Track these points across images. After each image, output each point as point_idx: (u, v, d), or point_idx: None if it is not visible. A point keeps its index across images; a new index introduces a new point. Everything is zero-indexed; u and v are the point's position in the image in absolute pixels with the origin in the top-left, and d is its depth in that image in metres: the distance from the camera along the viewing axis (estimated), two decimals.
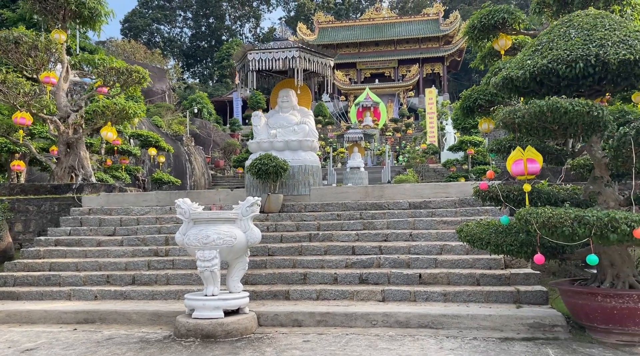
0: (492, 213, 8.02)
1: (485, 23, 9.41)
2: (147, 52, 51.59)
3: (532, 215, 4.36)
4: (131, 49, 50.17)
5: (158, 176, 20.46)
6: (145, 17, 70.70)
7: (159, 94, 39.67)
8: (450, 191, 8.84)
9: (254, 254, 7.61)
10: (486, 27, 9.50)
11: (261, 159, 8.72)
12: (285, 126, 9.62)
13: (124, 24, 69.55)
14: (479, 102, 10.38)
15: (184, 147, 27.81)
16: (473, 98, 10.52)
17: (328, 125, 40.33)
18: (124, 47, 50.28)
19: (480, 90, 10.55)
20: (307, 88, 10.49)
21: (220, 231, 5.62)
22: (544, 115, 4.42)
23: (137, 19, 69.76)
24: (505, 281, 6.40)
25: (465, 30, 10.01)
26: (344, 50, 53.67)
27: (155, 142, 19.85)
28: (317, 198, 9.21)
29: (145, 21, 70.05)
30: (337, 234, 7.89)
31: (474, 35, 9.90)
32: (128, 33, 67.58)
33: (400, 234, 7.70)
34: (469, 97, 10.67)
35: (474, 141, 23.32)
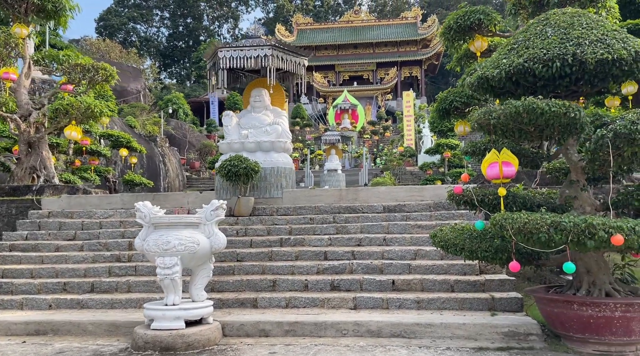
0: (467, 217, 7.86)
1: (462, 24, 9.29)
2: (123, 52, 50.55)
3: (508, 220, 4.17)
4: (106, 48, 49.10)
5: (129, 178, 19.86)
6: (121, 15, 69.33)
7: (133, 94, 38.83)
8: (425, 194, 8.66)
9: (221, 259, 7.29)
10: (462, 28, 9.38)
11: (231, 160, 8.40)
12: (257, 127, 9.32)
13: (98, 22, 68.09)
14: (455, 104, 10.27)
15: (157, 148, 27.18)
16: (449, 100, 10.40)
17: (306, 127, 40.07)
18: (98, 46, 49.18)
19: (456, 92, 10.44)
20: (281, 88, 10.21)
21: (181, 236, 5.29)
22: (520, 116, 4.24)
23: (112, 17, 68.36)
24: (480, 288, 6.23)
25: (442, 31, 9.88)
26: (322, 53, 53.60)
27: (127, 142, 19.27)
28: (290, 201, 8.92)
29: (120, 20, 68.69)
30: (309, 238, 7.62)
31: (450, 36, 9.77)
32: (103, 32, 66.13)
33: (374, 239, 7.48)
34: (444, 99, 10.55)
35: (450, 144, 23.35)
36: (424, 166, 24.30)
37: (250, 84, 10.18)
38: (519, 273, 6.45)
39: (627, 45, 4.33)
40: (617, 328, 4.39)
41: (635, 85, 9.31)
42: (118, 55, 47.66)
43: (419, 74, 53.27)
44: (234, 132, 9.33)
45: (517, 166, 4.51)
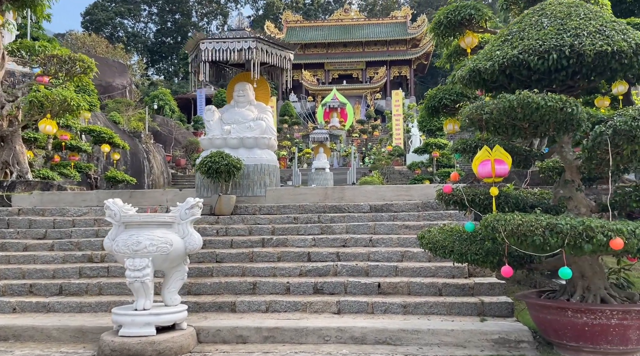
0: (456, 217, 7.61)
1: (452, 19, 9.03)
2: (109, 47, 49.73)
3: (500, 222, 3.90)
4: (92, 43, 48.27)
5: (111, 174, 19.34)
6: (107, 10, 68.24)
7: (119, 90, 38.16)
8: (413, 193, 8.39)
9: (199, 260, 6.95)
10: (452, 23, 9.12)
11: (212, 156, 8.05)
12: (240, 122, 8.97)
13: (84, 16, 66.97)
14: (445, 101, 10.01)
15: (142, 145, 26.64)
16: (438, 98, 10.14)
17: (294, 125, 39.73)
18: (84, 41, 48.35)
19: (445, 89, 10.19)
20: (266, 82, 9.88)
21: (153, 236, 4.95)
22: (514, 111, 3.97)
23: (98, 11, 67.26)
24: (469, 292, 5.97)
25: (432, 26, 9.62)
26: (312, 51, 53.31)
27: (109, 138, 18.77)
28: (273, 200, 8.61)
29: (107, 14, 67.62)
30: (292, 239, 7.31)
31: (440, 32, 9.52)
32: (89, 26, 65.06)
33: (360, 240, 7.19)
34: (434, 96, 10.29)
35: (439, 143, 23.19)
36: (412, 166, 24.12)
37: (234, 78, 9.84)
38: (494, 266, 6.17)
39: (627, 37, 4.09)
40: (614, 336, 4.15)
41: (626, 84, 9.12)
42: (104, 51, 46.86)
43: (408, 73, 53.20)
44: (216, 128, 8.98)
45: (510, 164, 4.24)
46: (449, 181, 22.58)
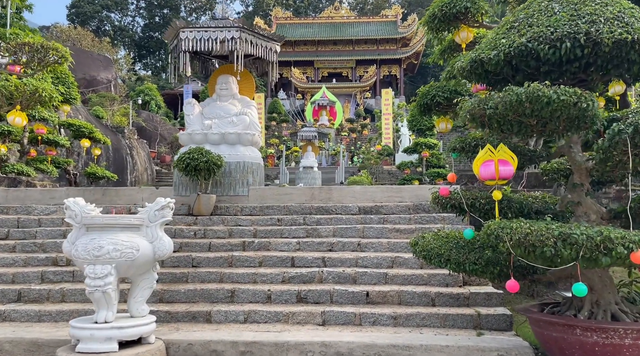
0: (450, 221, 7.19)
1: (447, 12, 8.59)
2: (95, 40, 48.75)
3: (505, 230, 3.46)
4: (77, 36, 47.28)
5: (91, 170, 18.67)
6: (94, 3, 66.92)
7: (104, 84, 37.33)
8: (404, 195, 7.96)
9: (174, 265, 6.44)
10: (447, 16, 8.68)
11: (190, 153, 7.53)
12: (222, 117, 8.46)
13: (70, 9, 65.63)
14: (437, 99, 9.57)
15: (125, 141, 25.92)
16: (431, 95, 9.70)
17: (283, 122, 39.18)
18: (69, 34, 47.33)
19: (438, 86, 9.75)
20: (250, 75, 9.37)
21: (117, 240, 4.44)
22: (522, 106, 3.53)
23: (85, 4, 65.92)
24: (464, 302, 5.54)
25: (426, 20, 9.17)
26: (301, 48, 52.82)
27: (89, 133, 18.09)
28: (256, 200, 8.11)
29: (94, 7, 66.33)
30: (275, 242, 6.83)
31: (434, 26, 9.06)
32: (75, 19, 63.79)
33: (348, 244, 6.73)
34: (426, 93, 9.85)
35: (429, 143, 22.85)
36: (401, 165, 23.74)
37: (217, 70, 9.31)
38: (494, 277, 5.76)
39: None
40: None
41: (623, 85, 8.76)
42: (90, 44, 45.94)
43: (398, 73, 52.90)
44: (196, 122, 8.45)
45: (516, 165, 3.81)
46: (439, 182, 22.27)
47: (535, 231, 3.30)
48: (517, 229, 3.39)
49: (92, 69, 37.31)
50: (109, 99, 33.35)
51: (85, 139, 18.26)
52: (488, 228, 3.65)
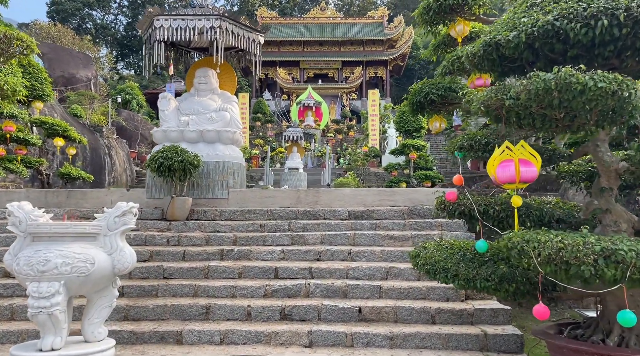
0: (448, 226, 6.61)
1: (443, 3, 8.03)
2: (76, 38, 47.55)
3: (531, 244, 2.88)
4: (57, 33, 46.07)
5: (65, 171, 17.75)
6: (75, 0, 65.49)
7: (83, 82, 36.22)
8: (397, 198, 7.37)
9: (143, 276, 5.75)
10: (443, 8, 8.12)
11: (164, 151, 6.84)
12: (200, 113, 7.78)
13: (50, 6, 64.16)
14: (431, 96, 9.02)
15: (103, 140, 24.96)
16: (424, 92, 9.13)
17: (268, 123, 38.48)
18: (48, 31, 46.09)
19: (432, 83, 9.20)
20: (231, 69, 8.70)
21: (68, 253, 3.75)
22: (550, 94, 2.95)
23: (65, 1, 64.49)
24: (467, 319, 4.95)
25: (420, 12, 8.61)
26: (287, 48, 52.31)
27: (64, 131, 17.19)
28: (237, 203, 7.45)
29: (75, 4, 64.88)
30: (257, 250, 6.18)
31: (428, 18, 8.50)
32: (55, 16, 62.29)
33: (337, 252, 6.11)
34: (419, 91, 9.28)
35: (416, 144, 22.39)
36: (389, 167, 23.24)
37: (195, 63, 8.64)
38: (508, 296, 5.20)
39: None
40: None
41: None
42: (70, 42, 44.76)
43: (384, 74, 52.62)
44: (171, 119, 7.76)
45: (539, 166, 3.23)
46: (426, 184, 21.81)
47: (570, 246, 2.72)
48: (546, 243, 2.81)
49: (71, 67, 36.20)
50: (88, 98, 32.33)
51: (59, 138, 17.35)
52: (509, 241, 3.06)
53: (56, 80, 35.16)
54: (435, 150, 31.64)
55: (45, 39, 39.82)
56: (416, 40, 57.04)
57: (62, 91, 32.70)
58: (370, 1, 72.26)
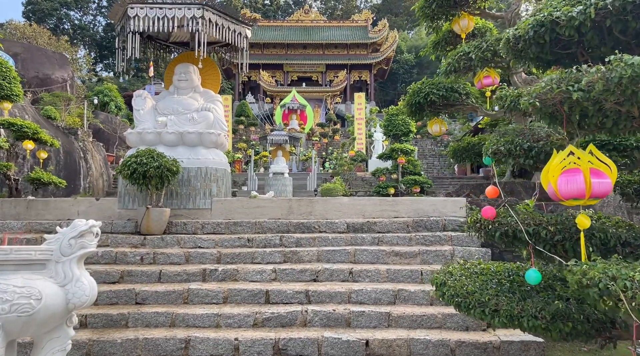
0: (459, 240, 5.91)
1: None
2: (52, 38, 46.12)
3: (620, 283, 2.15)
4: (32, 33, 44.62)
5: (36, 176, 16.65)
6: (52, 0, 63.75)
7: (59, 83, 34.90)
8: (399, 209, 6.65)
9: (111, 302, 4.91)
10: (447, 1, 7.48)
11: (138, 156, 6.01)
12: (180, 113, 6.97)
13: (26, 5, 62.37)
14: (432, 97, 8.37)
15: (78, 143, 23.79)
16: (424, 92, 8.49)
17: (251, 126, 37.59)
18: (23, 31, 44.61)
19: (432, 83, 8.55)
20: (215, 65, 7.90)
21: (6, 286, 2.93)
22: (636, 84, 2.25)
23: (42, 1, 62.75)
24: (493, 354, 4.24)
25: (420, 5, 7.95)
26: (270, 51, 51.64)
27: (34, 133, 16.11)
28: (221, 214, 6.65)
29: (52, 4, 63.18)
30: (245, 269, 5.38)
31: (430, 12, 7.88)
32: (31, 16, 60.50)
33: (337, 272, 5.35)
34: (419, 91, 8.63)
35: (405, 149, 21.81)
36: (376, 172, 22.60)
37: (175, 58, 7.82)
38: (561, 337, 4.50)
39: None
40: None
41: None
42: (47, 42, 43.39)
43: (368, 78, 52.24)
44: (147, 119, 6.92)
45: (614, 178, 2.53)
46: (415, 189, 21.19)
47: None
48: None
49: (45, 67, 34.88)
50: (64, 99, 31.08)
51: (29, 141, 16.26)
52: (584, 276, 2.33)
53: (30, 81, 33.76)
54: (422, 154, 31.17)
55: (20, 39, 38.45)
56: (400, 44, 56.89)
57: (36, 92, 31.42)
58: (353, 5, 72.01)
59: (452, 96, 8.39)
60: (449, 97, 8.42)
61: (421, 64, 57.19)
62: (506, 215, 3.14)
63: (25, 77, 34.10)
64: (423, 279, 5.24)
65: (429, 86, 8.51)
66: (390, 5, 71.07)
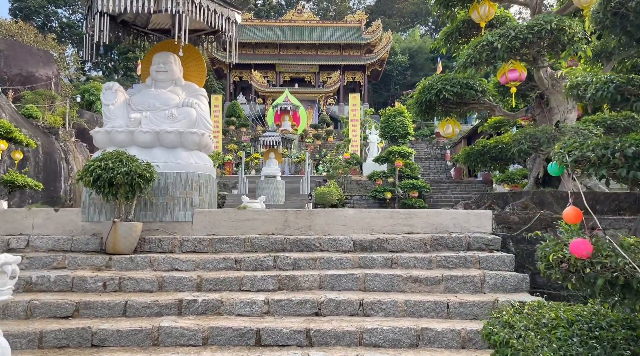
0: (488, 263, 4.94)
1: None
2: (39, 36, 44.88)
3: None
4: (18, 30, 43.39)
5: (9, 178, 15.49)
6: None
7: (43, 81, 33.70)
8: (414, 223, 5.66)
9: (60, 345, 3.88)
10: None
11: (104, 159, 4.98)
12: (157, 108, 5.95)
13: (13, 3, 60.91)
14: (445, 94, 7.43)
15: (59, 143, 22.60)
16: (436, 89, 7.55)
17: (242, 127, 36.56)
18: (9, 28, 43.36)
19: (446, 79, 7.62)
20: (199, 55, 6.88)
21: None
22: None
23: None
24: None
25: None
26: (262, 51, 50.77)
27: (7, 132, 14.96)
28: (204, 229, 5.63)
29: (39, 2, 61.74)
30: (231, 300, 4.37)
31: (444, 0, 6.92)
32: (18, 13, 59.03)
33: (343, 303, 4.36)
34: (429, 88, 7.69)
35: (402, 151, 20.92)
36: (373, 176, 21.70)
37: (154, 47, 6.81)
38: None
39: None
40: None
41: None
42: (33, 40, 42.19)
43: (362, 79, 51.52)
44: (118, 116, 5.89)
45: None
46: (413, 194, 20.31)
47: None
48: None
49: (29, 65, 33.72)
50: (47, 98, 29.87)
51: (1, 140, 15.11)
52: None
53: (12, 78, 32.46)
54: (417, 157, 30.32)
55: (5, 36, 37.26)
56: (394, 46, 56.18)
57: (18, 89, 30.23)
58: (346, 6, 71.32)
59: (468, 93, 7.46)
60: (464, 94, 7.49)
61: (415, 66, 56.52)
62: (605, 250, 2.17)
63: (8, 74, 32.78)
64: (450, 314, 4.27)
65: (441, 81, 7.58)
66: (383, 7, 70.48)
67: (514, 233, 5.48)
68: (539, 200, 6.17)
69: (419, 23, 72.50)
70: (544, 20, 5.80)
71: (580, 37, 5.86)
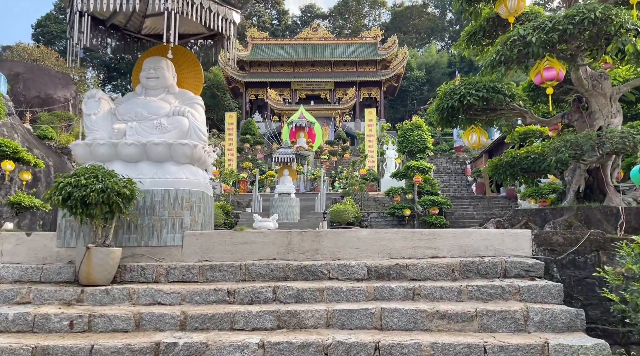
0: (530, 294, 4.09)
1: None
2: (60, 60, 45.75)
3: None
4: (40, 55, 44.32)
5: (16, 199, 15.10)
6: (61, 22, 63.89)
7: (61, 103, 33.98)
8: (439, 245, 4.83)
9: None
10: None
11: (76, 175, 4.31)
12: (145, 118, 5.29)
13: (36, 28, 62.63)
14: (469, 100, 6.64)
15: (72, 163, 22.33)
16: (459, 94, 6.76)
17: (257, 144, 36.11)
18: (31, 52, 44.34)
19: (470, 82, 6.83)
20: (195, 60, 6.24)
21: None
22: None
23: (51, 24, 62.96)
24: None
25: None
26: (278, 69, 50.75)
27: (13, 153, 14.61)
28: (195, 253, 4.89)
29: (61, 27, 63.25)
30: (218, 343, 3.59)
31: None
32: (40, 39, 60.49)
33: (355, 347, 3.54)
34: (451, 93, 6.92)
35: (421, 166, 20.05)
36: (390, 192, 20.83)
37: (145, 53, 6.20)
38: None
39: None
40: None
41: None
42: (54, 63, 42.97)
43: (378, 95, 50.96)
44: (101, 126, 5.24)
45: None
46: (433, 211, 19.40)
47: None
48: None
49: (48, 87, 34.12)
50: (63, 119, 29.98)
51: (8, 161, 14.75)
52: None
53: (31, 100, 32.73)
54: (437, 173, 29.36)
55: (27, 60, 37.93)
56: (410, 61, 55.64)
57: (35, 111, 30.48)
58: (361, 24, 71.35)
59: (495, 97, 6.66)
60: (491, 99, 6.69)
61: (432, 81, 55.77)
62: None
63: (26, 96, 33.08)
64: None
65: (465, 86, 6.80)
66: (399, 23, 70.32)
67: (558, 257, 4.62)
68: (584, 217, 5.30)
69: (435, 39, 72.05)
70: (587, 8, 5.02)
71: (629, 27, 5.06)
